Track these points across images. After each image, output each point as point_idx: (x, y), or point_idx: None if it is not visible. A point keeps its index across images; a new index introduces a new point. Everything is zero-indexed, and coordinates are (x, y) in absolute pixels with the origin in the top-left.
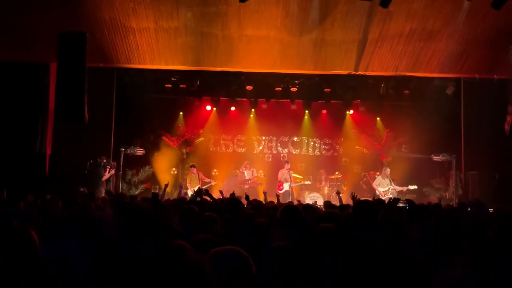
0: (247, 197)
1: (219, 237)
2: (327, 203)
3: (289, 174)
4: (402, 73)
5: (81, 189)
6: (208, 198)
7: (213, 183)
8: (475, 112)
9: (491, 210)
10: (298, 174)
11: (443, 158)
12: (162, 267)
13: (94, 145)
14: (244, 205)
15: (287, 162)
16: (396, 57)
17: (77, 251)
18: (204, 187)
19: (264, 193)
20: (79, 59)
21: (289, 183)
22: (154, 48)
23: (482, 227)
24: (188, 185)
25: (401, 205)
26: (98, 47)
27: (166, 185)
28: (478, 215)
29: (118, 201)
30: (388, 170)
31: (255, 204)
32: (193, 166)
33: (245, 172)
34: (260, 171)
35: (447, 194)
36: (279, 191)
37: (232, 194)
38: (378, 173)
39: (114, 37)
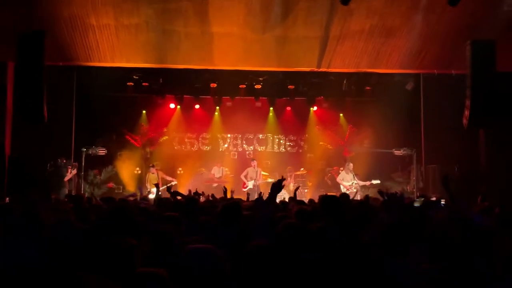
0: (196, 193)
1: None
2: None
3: (256, 171)
4: (364, 70)
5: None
6: (179, 198)
7: (173, 183)
8: (434, 107)
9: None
10: (264, 171)
11: (404, 152)
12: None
13: (54, 146)
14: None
15: (253, 159)
16: (357, 54)
17: (30, 252)
18: (164, 186)
19: (231, 192)
20: (37, 58)
21: (253, 181)
22: (114, 46)
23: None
24: (147, 185)
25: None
26: (57, 45)
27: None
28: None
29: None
30: (351, 165)
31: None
32: (152, 166)
33: (214, 170)
34: (226, 169)
35: (408, 187)
36: (244, 190)
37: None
38: (342, 168)
39: (73, 35)
